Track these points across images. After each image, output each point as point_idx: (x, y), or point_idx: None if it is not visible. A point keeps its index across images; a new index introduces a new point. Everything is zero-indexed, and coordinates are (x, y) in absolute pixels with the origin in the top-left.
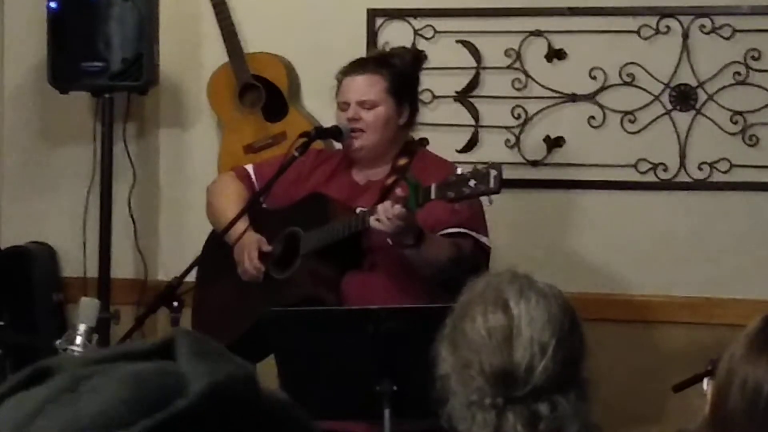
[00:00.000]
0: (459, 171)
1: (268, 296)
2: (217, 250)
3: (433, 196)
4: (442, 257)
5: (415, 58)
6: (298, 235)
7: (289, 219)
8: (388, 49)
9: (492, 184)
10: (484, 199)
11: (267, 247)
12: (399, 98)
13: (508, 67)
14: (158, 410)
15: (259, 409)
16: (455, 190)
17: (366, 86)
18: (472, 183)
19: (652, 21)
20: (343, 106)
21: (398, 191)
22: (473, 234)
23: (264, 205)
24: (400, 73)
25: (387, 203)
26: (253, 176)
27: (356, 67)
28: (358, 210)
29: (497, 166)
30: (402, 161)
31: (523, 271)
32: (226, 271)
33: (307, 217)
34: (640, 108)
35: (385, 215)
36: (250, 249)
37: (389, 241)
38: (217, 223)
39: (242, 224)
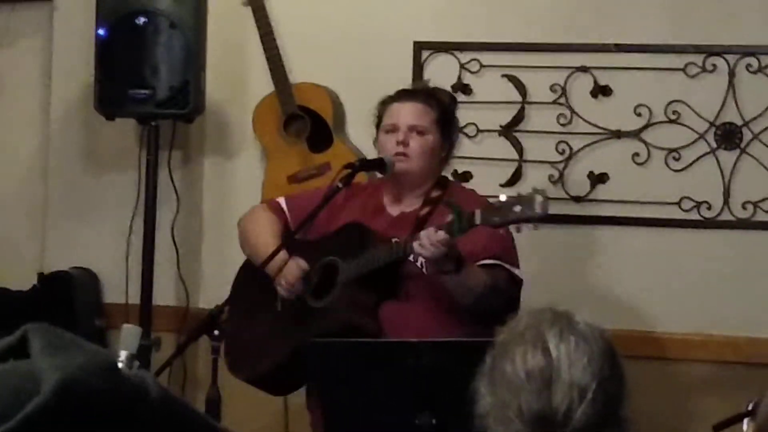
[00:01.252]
0: (503, 197)
1: (305, 325)
2: (251, 281)
3: (478, 221)
4: (480, 286)
5: (454, 99)
6: (335, 264)
7: (326, 249)
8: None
9: (538, 209)
10: (528, 225)
11: (306, 266)
12: (444, 132)
13: (554, 102)
14: (12, 416)
15: (119, 396)
16: (500, 216)
17: (419, 113)
18: (517, 208)
19: (699, 59)
20: (390, 127)
21: (450, 217)
22: (507, 266)
23: (296, 237)
24: (446, 108)
25: (431, 229)
26: (284, 208)
27: (407, 94)
28: (394, 240)
29: (542, 191)
30: (435, 193)
31: (563, 309)
32: (262, 301)
33: (345, 246)
34: (685, 146)
35: (428, 240)
36: (291, 274)
37: (424, 270)
38: (252, 255)
39: (281, 255)
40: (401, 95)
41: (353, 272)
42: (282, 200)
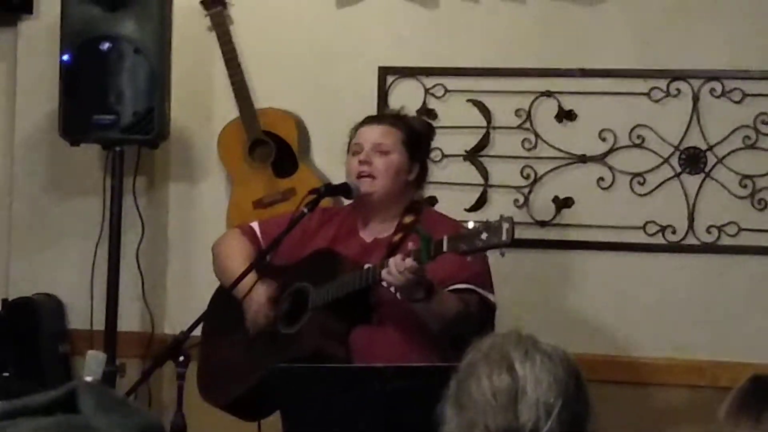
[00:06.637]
0: (471, 224)
1: (276, 351)
2: (224, 306)
3: (445, 248)
4: (450, 312)
5: (429, 126)
6: (306, 290)
7: (297, 275)
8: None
9: (504, 236)
10: (496, 252)
11: (273, 292)
12: (411, 153)
13: (518, 127)
14: None
15: None
16: (467, 243)
17: (383, 133)
18: (484, 236)
19: (663, 83)
20: (356, 148)
21: (410, 245)
22: (479, 291)
23: (271, 262)
24: (415, 131)
25: (398, 257)
26: (258, 233)
27: (373, 118)
28: (366, 266)
29: (509, 219)
30: (408, 219)
31: (527, 332)
32: (233, 326)
33: (315, 272)
34: (650, 170)
35: (396, 268)
36: (259, 298)
37: (398, 295)
38: (224, 280)
39: (250, 279)
40: (367, 120)
41: (323, 298)
42: (256, 225)
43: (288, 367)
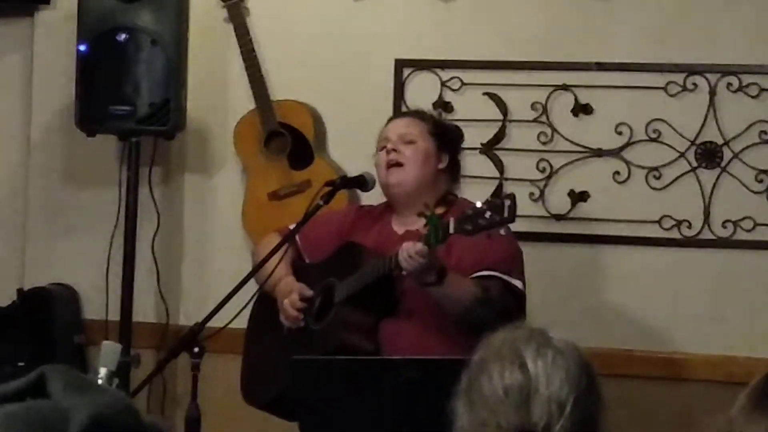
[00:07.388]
0: (478, 204)
1: (305, 348)
2: (266, 305)
3: (452, 230)
4: (466, 297)
5: (457, 126)
6: (333, 285)
7: (326, 271)
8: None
9: (506, 213)
10: (499, 230)
11: (308, 292)
12: (439, 142)
13: (534, 120)
14: None
15: None
16: (472, 223)
17: (408, 124)
18: (487, 215)
19: (680, 78)
20: (383, 143)
21: (421, 229)
22: (503, 277)
23: (307, 261)
24: (440, 123)
25: (410, 242)
26: (296, 234)
27: (398, 114)
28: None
29: (510, 196)
30: (439, 210)
31: (539, 326)
32: (271, 327)
33: (341, 266)
34: (666, 164)
35: (407, 253)
36: (290, 296)
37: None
38: (261, 280)
39: (281, 273)
40: (392, 117)
41: (346, 291)
42: (294, 226)
43: (300, 359)
